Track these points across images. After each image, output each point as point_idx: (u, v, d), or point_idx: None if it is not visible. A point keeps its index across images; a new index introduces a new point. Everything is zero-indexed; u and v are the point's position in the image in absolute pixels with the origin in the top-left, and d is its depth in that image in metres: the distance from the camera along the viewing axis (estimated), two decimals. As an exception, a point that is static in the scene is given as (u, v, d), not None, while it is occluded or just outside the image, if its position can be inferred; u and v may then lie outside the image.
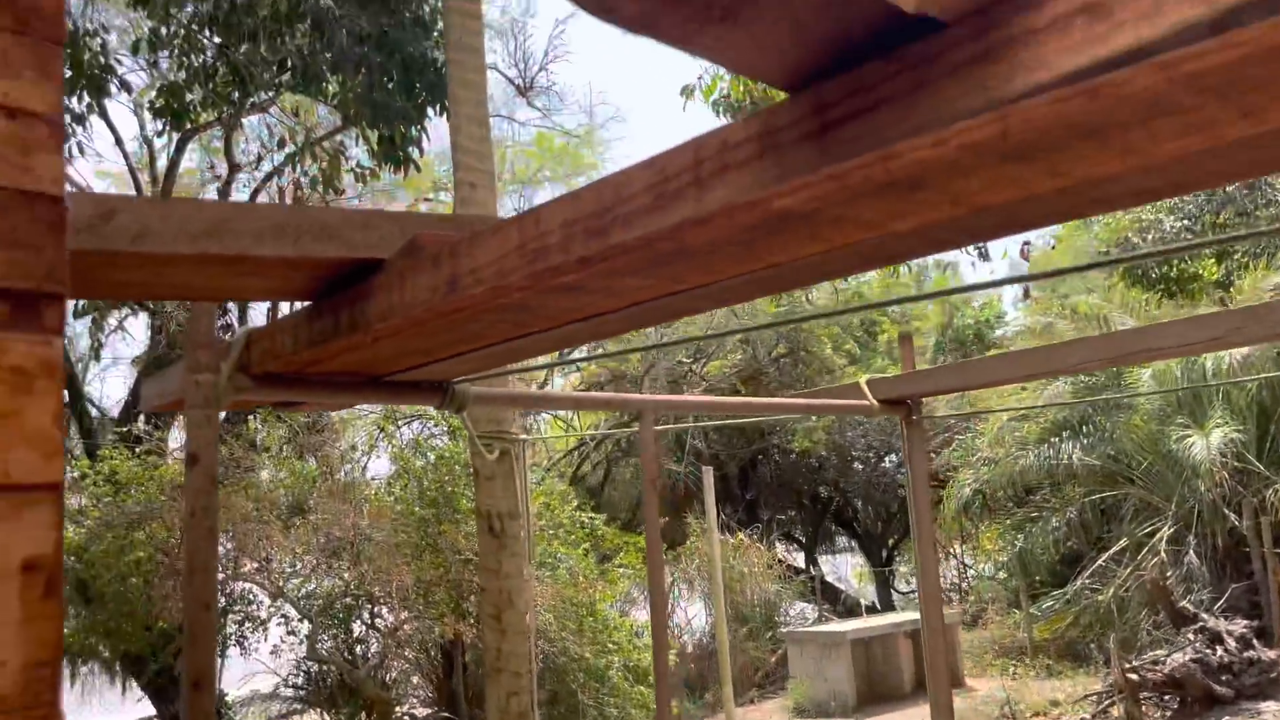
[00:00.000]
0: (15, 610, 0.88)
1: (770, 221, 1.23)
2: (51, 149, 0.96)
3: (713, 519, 10.72)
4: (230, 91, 14.01)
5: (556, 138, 22.30)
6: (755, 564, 18.92)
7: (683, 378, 23.10)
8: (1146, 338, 2.82)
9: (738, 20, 0.94)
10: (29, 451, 0.91)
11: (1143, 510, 16.04)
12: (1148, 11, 0.81)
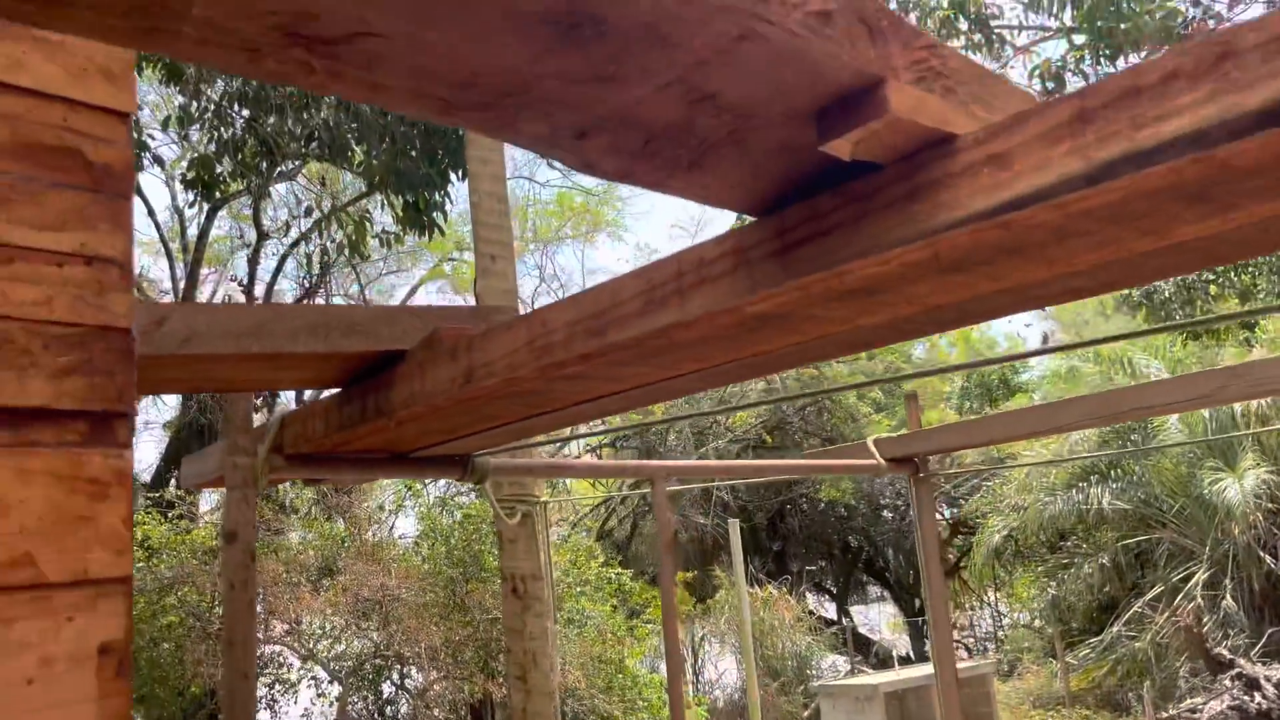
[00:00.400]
0: (93, 688, 1.03)
1: (748, 322, 1.38)
2: (123, 289, 1.13)
3: (740, 572, 10.75)
4: (259, 162, 14.47)
5: (576, 196, 22.73)
6: (785, 616, 18.78)
7: (708, 428, 23.17)
8: (1139, 396, 2.94)
9: (704, 167, 1.10)
10: (104, 550, 1.07)
11: (1177, 554, 15.88)
12: (1038, 164, 0.97)
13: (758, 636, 17.31)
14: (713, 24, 0.84)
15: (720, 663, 20.11)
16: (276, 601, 12.05)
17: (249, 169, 14.50)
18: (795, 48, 0.90)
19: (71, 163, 1.11)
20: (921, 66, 1.03)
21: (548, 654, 4.46)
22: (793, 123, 1.05)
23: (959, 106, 1.06)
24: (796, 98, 1.00)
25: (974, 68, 1.13)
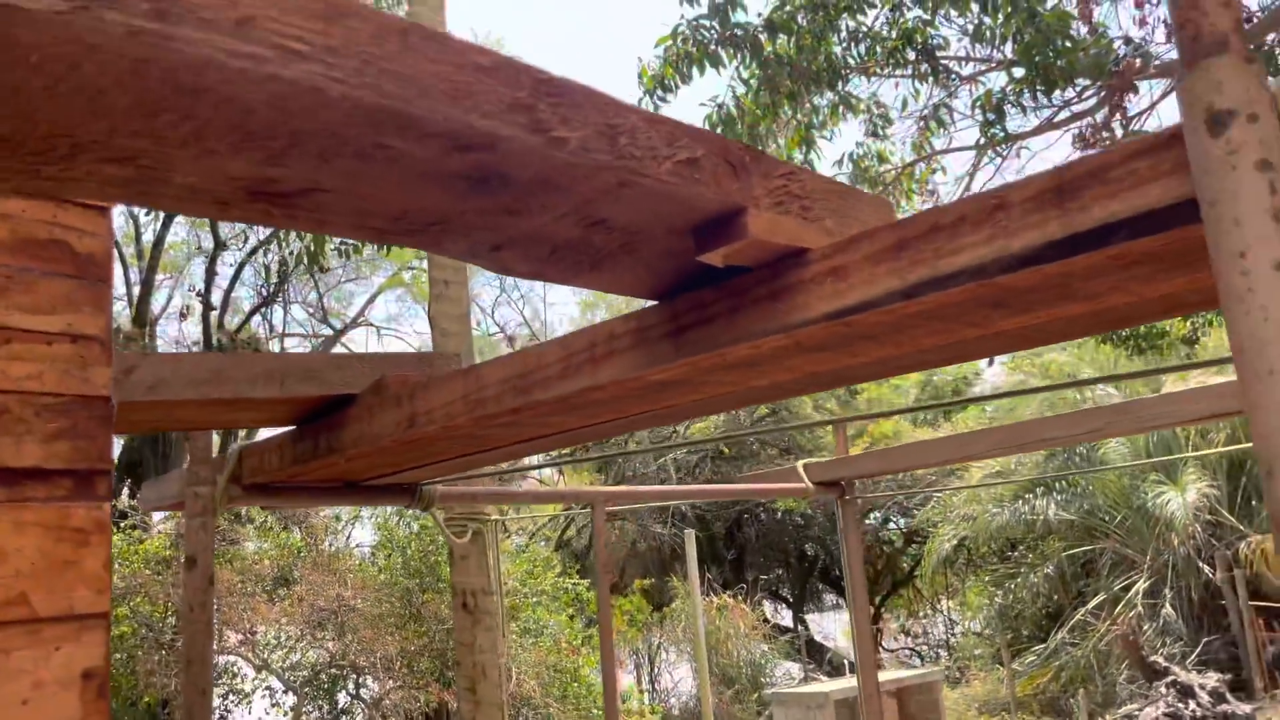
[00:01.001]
0: (77, 708, 1.22)
1: (652, 386, 1.60)
2: (103, 362, 1.32)
3: (695, 582, 10.96)
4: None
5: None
6: (740, 624, 19.00)
7: (666, 438, 23.40)
8: (1042, 429, 3.21)
9: (603, 269, 1.32)
10: (87, 590, 1.25)
11: (1120, 564, 16.36)
12: (868, 279, 1.19)
13: (713, 644, 17.52)
14: (596, 178, 1.06)
15: (676, 670, 20.30)
16: (231, 612, 12.06)
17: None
18: (667, 189, 1.12)
19: (60, 254, 1.29)
20: (780, 192, 1.26)
21: (497, 666, 4.64)
22: (674, 237, 1.26)
23: (813, 224, 1.29)
24: (674, 221, 1.22)
25: (832, 186, 1.36)
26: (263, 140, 0.87)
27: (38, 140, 0.80)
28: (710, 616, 18.09)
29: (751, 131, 11.71)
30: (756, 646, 19.10)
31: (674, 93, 11.23)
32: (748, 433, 17.79)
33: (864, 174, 12.42)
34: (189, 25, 0.73)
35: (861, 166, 12.32)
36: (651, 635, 20.10)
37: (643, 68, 11.30)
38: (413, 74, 0.87)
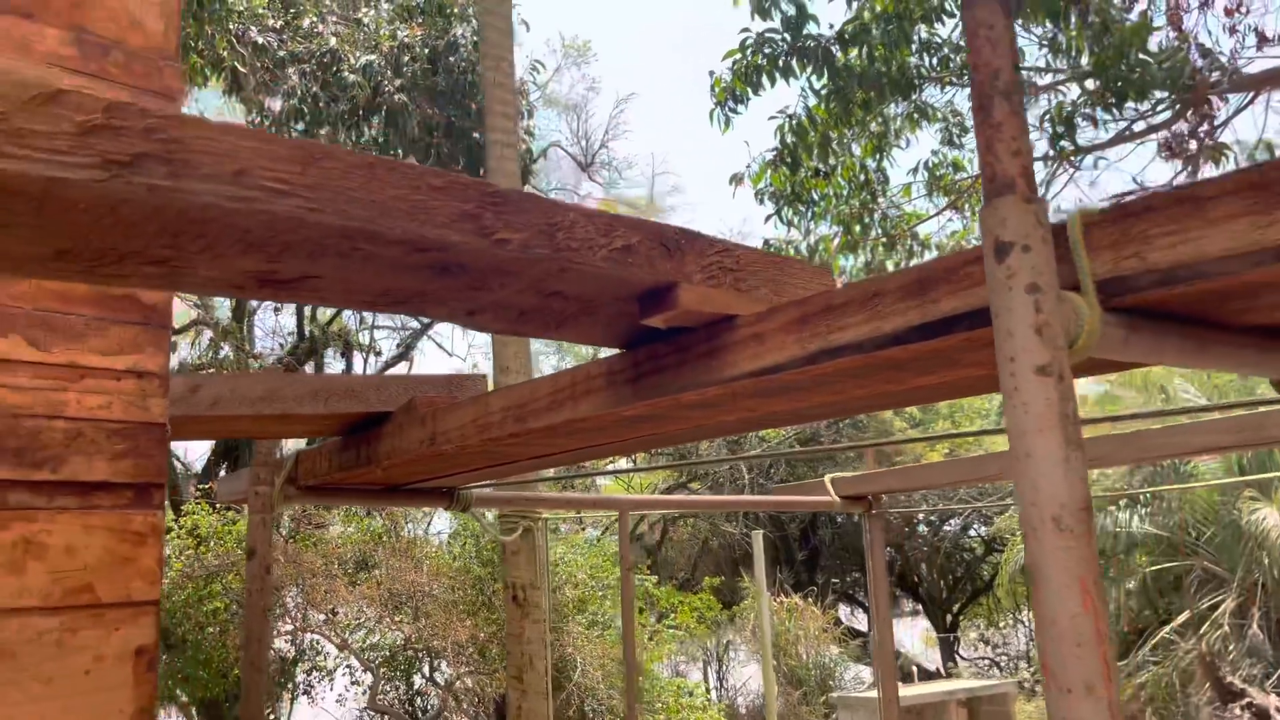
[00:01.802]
0: (130, 678, 1.51)
1: (625, 419, 1.84)
2: (161, 394, 1.61)
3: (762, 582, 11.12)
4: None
5: (620, 207, 23.24)
6: (810, 626, 19.01)
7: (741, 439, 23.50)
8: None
9: (568, 327, 1.56)
10: (142, 581, 1.54)
11: (1208, 582, 15.93)
12: (779, 346, 1.41)
13: (782, 645, 17.60)
14: (538, 266, 1.30)
15: (745, 669, 20.41)
16: (315, 593, 12.63)
17: (303, 177, 15.14)
18: (604, 272, 1.35)
19: (129, 304, 1.58)
20: (714, 267, 1.48)
21: (544, 656, 4.92)
22: (623, 304, 1.50)
23: (745, 294, 1.50)
24: (619, 292, 1.45)
25: (769, 259, 1.57)
26: (261, 248, 1.13)
27: (92, 253, 1.08)
28: (780, 618, 18.16)
29: (823, 141, 11.80)
30: (827, 649, 19.08)
31: (745, 104, 11.40)
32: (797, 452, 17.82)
33: (939, 182, 12.39)
34: (195, 180, 0.99)
35: (936, 174, 12.29)
36: (722, 633, 20.22)
37: (716, 79, 11.49)
38: (376, 199, 1.12)
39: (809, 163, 11.91)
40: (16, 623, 1.43)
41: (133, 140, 0.95)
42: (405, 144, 13.03)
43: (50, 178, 0.90)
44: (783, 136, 11.95)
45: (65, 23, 1.63)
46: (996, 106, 1.02)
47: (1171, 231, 0.97)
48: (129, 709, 1.50)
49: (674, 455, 21.89)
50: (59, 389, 1.52)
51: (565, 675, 12.12)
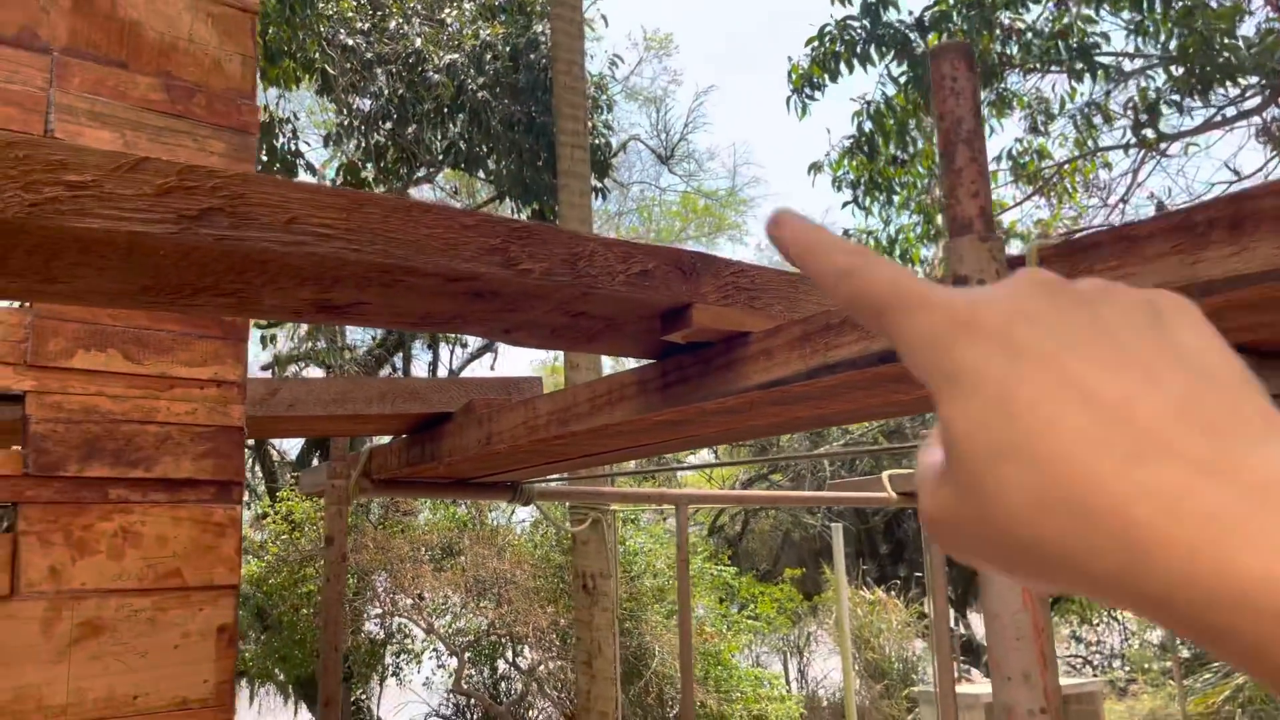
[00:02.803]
0: (213, 653, 1.71)
1: (658, 424, 1.98)
2: (239, 401, 1.80)
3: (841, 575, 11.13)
4: (399, 168, 15.61)
5: (700, 199, 23.29)
6: (893, 620, 18.85)
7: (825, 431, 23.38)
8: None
9: (598, 342, 1.70)
10: (223, 568, 1.74)
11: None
12: (785, 361, 1.53)
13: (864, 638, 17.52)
14: (562, 291, 1.45)
15: (826, 661, 20.37)
16: (403, 577, 13.08)
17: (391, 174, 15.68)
18: (624, 295, 1.49)
19: (211, 321, 1.78)
20: (728, 287, 1.61)
21: (611, 643, 5.10)
22: (646, 321, 1.63)
23: (759, 311, 1.63)
24: (640, 312, 1.59)
25: (783, 278, 1.69)
26: (315, 281, 1.30)
27: (171, 288, 1.26)
28: (862, 610, 18.06)
29: (902, 128, 11.70)
30: (910, 643, 18.91)
31: (821, 90, 11.36)
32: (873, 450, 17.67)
33: (1022, 170, 12.17)
34: (255, 229, 1.16)
35: (1019, 162, 12.08)
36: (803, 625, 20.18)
37: (793, 66, 11.48)
38: (412, 238, 1.28)
39: (887, 150, 11.83)
40: (116, 601, 1.64)
41: (201, 198, 1.12)
42: (489, 140, 13.35)
43: (134, 231, 1.08)
44: (860, 124, 11.88)
45: (155, 69, 1.83)
46: (959, 153, 1.12)
47: (1113, 266, 1.06)
48: (212, 679, 1.70)
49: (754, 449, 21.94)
50: (151, 397, 1.72)
51: (644, 664, 12.32)
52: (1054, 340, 0.32)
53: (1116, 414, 0.30)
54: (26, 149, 1.00)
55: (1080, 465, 0.30)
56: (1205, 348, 0.33)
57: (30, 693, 1.55)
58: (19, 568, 1.57)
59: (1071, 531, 0.30)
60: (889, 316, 0.35)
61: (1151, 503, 0.29)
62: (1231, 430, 0.30)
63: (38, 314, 1.63)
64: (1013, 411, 0.32)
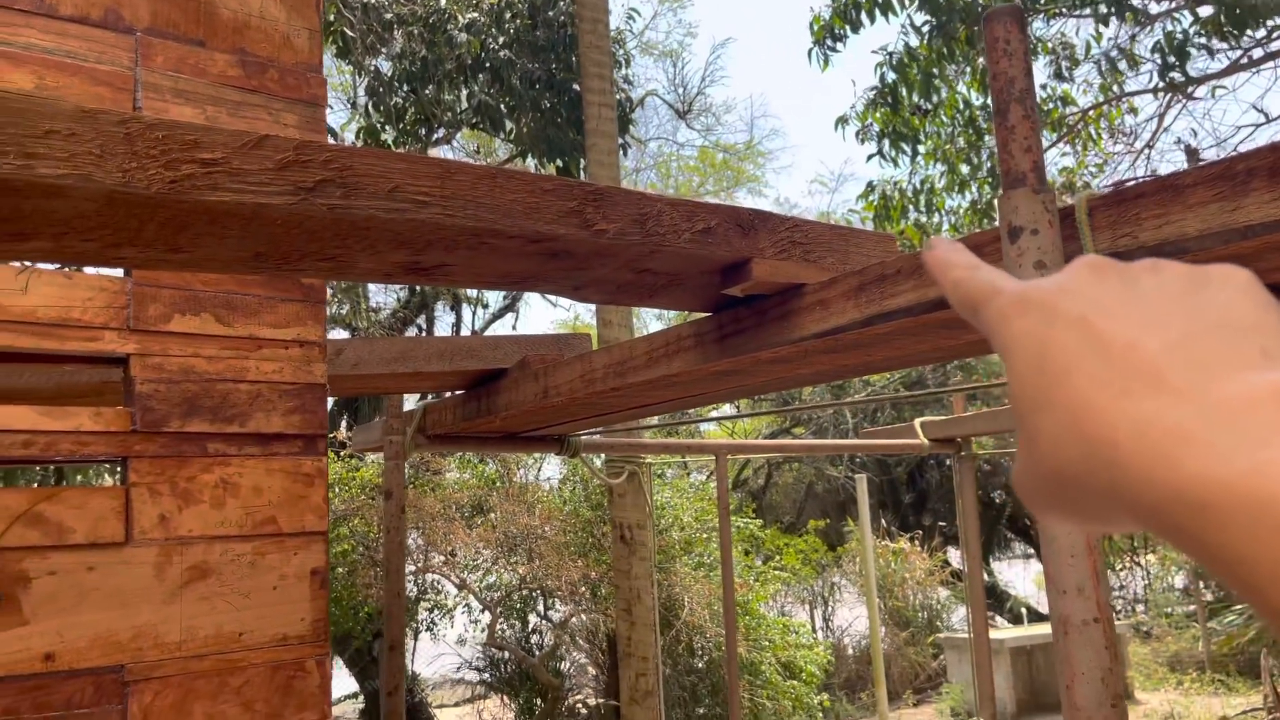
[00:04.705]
0: (308, 593, 1.85)
1: (713, 374, 2.08)
2: (321, 359, 1.92)
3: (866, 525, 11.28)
4: (419, 130, 15.64)
5: (718, 153, 23.19)
6: (917, 568, 19.01)
7: (845, 384, 23.44)
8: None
9: (660, 296, 1.81)
10: (313, 515, 1.87)
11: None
12: (839, 311, 1.63)
13: (888, 588, 17.71)
14: (632, 249, 1.54)
15: (851, 610, 20.62)
16: (435, 535, 13.31)
17: (410, 136, 15.71)
18: (688, 251, 1.59)
19: (293, 285, 1.89)
20: (784, 242, 1.70)
21: (650, 591, 5.26)
22: (707, 276, 1.73)
23: (813, 264, 1.72)
24: (702, 267, 1.69)
25: (834, 231, 1.79)
26: (409, 245, 1.41)
27: (280, 255, 1.37)
28: (886, 560, 18.23)
29: (925, 78, 11.62)
30: (934, 591, 19.08)
31: (843, 42, 11.28)
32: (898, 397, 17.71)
33: (1047, 117, 12.08)
34: (362, 198, 1.27)
35: (1044, 109, 11.98)
36: (828, 575, 20.39)
37: (815, 17, 11.40)
38: (499, 203, 1.38)
39: (911, 100, 11.76)
40: (220, 547, 1.77)
41: (315, 170, 1.23)
42: (511, 98, 13.36)
43: (259, 203, 1.19)
44: (883, 75, 11.81)
45: (230, 46, 1.92)
46: (1012, 111, 1.21)
47: (1158, 214, 1.15)
48: (308, 617, 1.83)
49: (776, 401, 22.04)
50: (241, 357, 1.84)
51: (674, 614, 12.55)
52: (1088, 306, 0.36)
53: (1121, 357, 0.34)
54: (165, 129, 1.10)
55: (1084, 401, 0.34)
56: (1236, 301, 0.35)
57: (148, 631, 1.68)
58: (132, 517, 1.70)
59: (1079, 459, 0.34)
60: (979, 311, 0.41)
61: (1130, 427, 0.32)
62: (1221, 363, 0.33)
63: (137, 281, 1.74)
64: (1044, 367, 0.36)
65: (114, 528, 1.68)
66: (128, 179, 1.07)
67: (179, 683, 1.69)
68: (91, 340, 1.71)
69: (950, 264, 0.45)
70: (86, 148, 1.05)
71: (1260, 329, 0.34)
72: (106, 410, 1.72)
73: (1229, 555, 0.29)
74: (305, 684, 1.80)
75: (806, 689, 13.18)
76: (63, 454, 1.65)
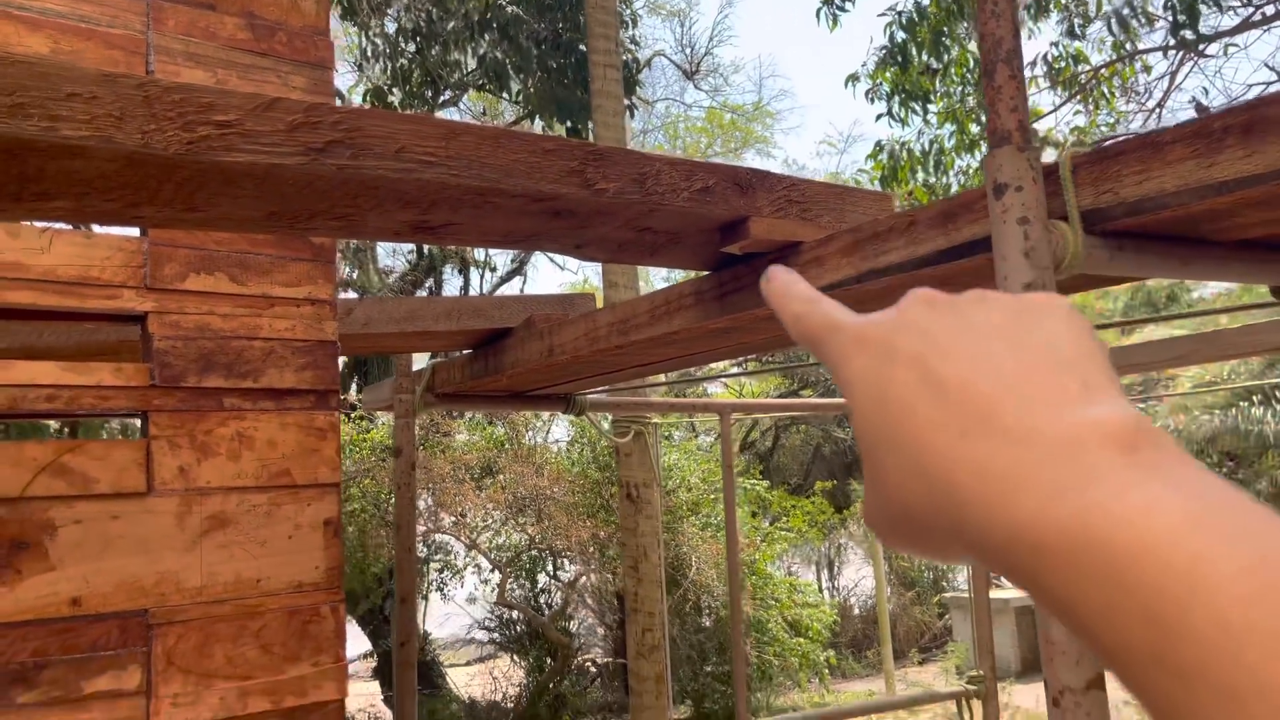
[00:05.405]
0: (322, 542, 1.92)
1: (714, 331, 2.14)
2: (331, 318, 1.98)
3: (872, 486, 11.35)
4: (425, 91, 15.59)
5: (726, 114, 23.05)
6: (923, 529, 19.01)
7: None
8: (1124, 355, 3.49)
9: (660, 255, 1.85)
10: (326, 468, 1.94)
11: (1344, 484, 15.41)
12: (835, 267, 1.67)
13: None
14: (631, 208, 1.59)
15: (857, 571, 20.79)
16: (445, 496, 13.46)
17: (416, 98, 15.65)
18: (687, 210, 1.64)
19: (303, 245, 1.94)
20: (781, 200, 1.74)
21: (656, 549, 5.34)
22: (705, 234, 1.78)
23: (809, 222, 1.77)
24: (701, 225, 1.73)
25: (831, 190, 1.83)
26: (416, 205, 1.46)
27: (292, 214, 1.42)
28: (892, 520, 18.28)
29: (935, 37, 11.53)
30: (940, 552, 19.14)
31: (853, 0, 11.19)
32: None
33: (1058, 76, 11.97)
34: (371, 158, 1.31)
35: (1055, 68, 11.88)
36: (835, 536, 20.54)
37: (823, -25, 11.29)
38: (502, 163, 1.43)
39: (920, 60, 11.68)
40: (237, 497, 1.84)
41: (325, 132, 1.27)
42: (518, 56, 13.30)
43: (271, 164, 1.24)
44: (892, 34, 11.72)
45: (239, 10, 1.96)
46: (999, 71, 1.25)
47: (1139, 171, 1.19)
48: (322, 565, 1.91)
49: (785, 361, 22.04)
50: (255, 315, 1.90)
51: (681, 573, 12.69)
52: (923, 343, 0.37)
53: (956, 397, 0.35)
54: (181, 93, 1.15)
55: (925, 442, 0.35)
56: (1058, 332, 0.36)
57: (170, 577, 1.76)
58: (153, 468, 1.77)
59: (925, 498, 0.35)
60: (819, 347, 0.42)
61: (968, 468, 0.33)
62: (1046, 400, 0.33)
63: (153, 241, 1.79)
64: (885, 406, 0.37)
65: (136, 478, 1.75)
66: (147, 140, 1.12)
67: (200, 626, 1.77)
68: (111, 299, 1.77)
69: (789, 296, 0.45)
70: (107, 110, 1.10)
71: (1080, 361, 0.35)
72: (127, 366, 1.78)
73: (1063, 596, 0.30)
74: (321, 628, 1.88)
75: (813, 646, 13.35)
76: (85, 408, 1.71)
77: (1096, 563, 0.29)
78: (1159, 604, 0.27)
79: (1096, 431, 0.31)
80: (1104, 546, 0.29)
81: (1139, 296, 18.83)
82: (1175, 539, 0.27)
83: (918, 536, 0.36)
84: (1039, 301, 0.38)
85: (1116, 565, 0.28)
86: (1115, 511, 0.29)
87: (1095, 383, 0.34)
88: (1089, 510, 0.29)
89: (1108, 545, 0.28)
